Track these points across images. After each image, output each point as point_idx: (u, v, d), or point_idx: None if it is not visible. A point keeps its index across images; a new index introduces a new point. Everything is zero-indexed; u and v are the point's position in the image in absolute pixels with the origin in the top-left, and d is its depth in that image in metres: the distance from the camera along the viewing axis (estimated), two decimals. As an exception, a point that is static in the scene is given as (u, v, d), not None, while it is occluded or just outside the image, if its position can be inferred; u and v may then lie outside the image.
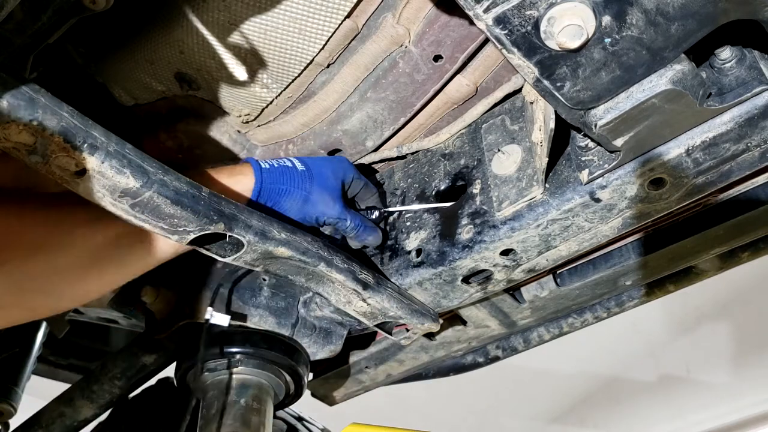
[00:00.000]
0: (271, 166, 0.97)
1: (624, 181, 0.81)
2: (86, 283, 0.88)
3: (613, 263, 1.13)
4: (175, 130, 1.12)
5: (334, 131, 1.08)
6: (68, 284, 0.87)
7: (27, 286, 0.83)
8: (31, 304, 0.87)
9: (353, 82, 1.03)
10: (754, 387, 2.86)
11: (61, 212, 0.84)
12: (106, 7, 0.70)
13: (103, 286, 0.92)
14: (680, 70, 0.68)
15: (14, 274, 0.81)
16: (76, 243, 0.84)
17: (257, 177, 0.94)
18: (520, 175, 0.92)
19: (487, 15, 0.63)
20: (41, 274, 0.83)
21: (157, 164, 0.75)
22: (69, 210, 0.84)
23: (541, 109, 0.84)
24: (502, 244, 0.91)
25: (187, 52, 0.98)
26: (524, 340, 1.37)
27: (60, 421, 1.24)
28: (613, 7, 0.62)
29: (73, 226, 0.84)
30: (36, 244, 0.82)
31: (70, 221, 0.84)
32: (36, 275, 0.83)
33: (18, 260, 0.81)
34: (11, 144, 0.65)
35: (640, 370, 3.13)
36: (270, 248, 0.86)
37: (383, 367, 1.34)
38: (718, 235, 1.06)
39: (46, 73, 0.99)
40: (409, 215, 1.05)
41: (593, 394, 3.23)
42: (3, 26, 0.66)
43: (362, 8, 0.95)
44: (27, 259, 0.81)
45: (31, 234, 0.82)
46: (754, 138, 0.76)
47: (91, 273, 0.87)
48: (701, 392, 2.97)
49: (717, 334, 2.94)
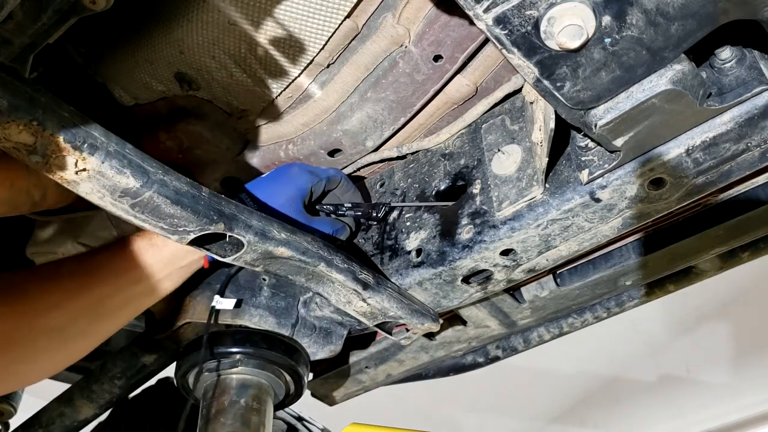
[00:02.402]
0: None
1: (624, 181, 0.81)
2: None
3: (613, 263, 1.13)
4: (175, 130, 1.12)
5: (334, 131, 1.08)
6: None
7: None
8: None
9: (353, 82, 1.03)
10: (754, 387, 2.86)
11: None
12: (106, 7, 0.70)
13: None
14: (680, 70, 0.68)
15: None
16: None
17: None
18: (520, 175, 0.92)
19: (487, 15, 0.63)
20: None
21: (157, 164, 0.75)
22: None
23: (541, 109, 0.84)
24: (502, 244, 0.91)
25: (187, 52, 0.98)
26: (524, 340, 1.37)
27: (60, 421, 1.24)
28: (613, 7, 0.62)
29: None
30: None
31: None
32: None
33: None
34: (11, 144, 0.65)
35: (640, 370, 3.13)
36: (270, 248, 0.86)
37: (383, 367, 1.34)
38: (718, 235, 1.06)
39: (46, 73, 0.99)
40: (409, 215, 1.05)
41: (593, 394, 3.23)
42: (3, 26, 0.66)
43: (362, 8, 0.95)
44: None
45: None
46: (754, 138, 0.76)
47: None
48: (701, 392, 2.97)
49: (717, 334, 2.94)
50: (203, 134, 1.12)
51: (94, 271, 0.93)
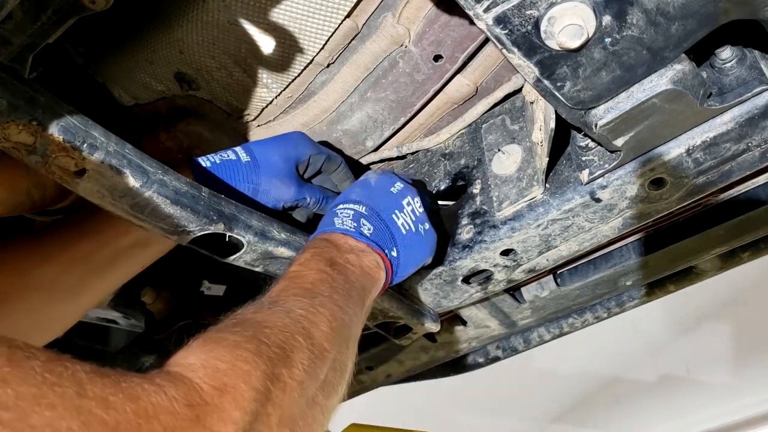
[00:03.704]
0: (213, 163, 0.94)
1: (624, 181, 0.81)
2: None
3: (614, 263, 1.13)
4: (175, 130, 1.12)
5: (334, 131, 1.08)
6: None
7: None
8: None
9: (353, 82, 1.03)
10: (754, 387, 2.86)
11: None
12: (106, 6, 0.70)
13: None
14: (681, 70, 0.68)
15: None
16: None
17: (198, 177, 0.91)
18: (520, 175, 0.92)
19: (487, 15, 0.63)
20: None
21: (156, 164, 0.75)
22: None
23: (541, 108, 0.84)
24: (502, 244, 0.91)
25: (187, 52, 0.98)
26: (524, 340, 1.37)
27: (60, 421, 1.23)
28: (614, 7, 0.62)
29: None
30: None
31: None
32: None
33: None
34: (11, 144, 0.65)
35: (640, 370, 3.13)
36: (270, 248, 0.86)
37: (383, 367, 1.34)
38: (719, 235, 1.06)
39: (46, 73, 0.99)
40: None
41: (593, 394, 3.23)
42: (2, 26, 0.66)
43: (362, 8, 0.95)
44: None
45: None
46: (755, 138, 0.76)
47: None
48: (701, 392, 2.97)
49: (717, 334, 2.93)
50: (203, 134, 1.12)
51: (81, 225, 0.91)
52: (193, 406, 0.45)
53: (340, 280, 0.76)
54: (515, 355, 1.41)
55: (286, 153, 0.98)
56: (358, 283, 0.79)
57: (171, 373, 0.48)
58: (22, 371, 0.37)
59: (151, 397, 0.43)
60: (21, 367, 0.37)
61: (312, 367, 0.60)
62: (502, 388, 2.98)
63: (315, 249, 0.80)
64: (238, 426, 0.47)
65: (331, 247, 0.81)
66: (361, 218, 0.86)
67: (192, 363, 0.50)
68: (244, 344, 0.54)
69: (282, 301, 0.68)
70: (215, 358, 0.51)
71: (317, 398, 0.61)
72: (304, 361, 0.59)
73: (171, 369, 0.50)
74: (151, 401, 0.42)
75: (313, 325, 0.65)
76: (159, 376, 0.47)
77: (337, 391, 0.67)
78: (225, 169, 0.94)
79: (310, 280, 0.73)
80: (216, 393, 0.48)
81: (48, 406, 0.36)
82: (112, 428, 0.38)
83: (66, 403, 0.37)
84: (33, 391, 0.36)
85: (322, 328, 0.66)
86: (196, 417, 0.45)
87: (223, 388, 0.48)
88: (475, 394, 2.90)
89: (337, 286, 0.74)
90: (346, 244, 0.82)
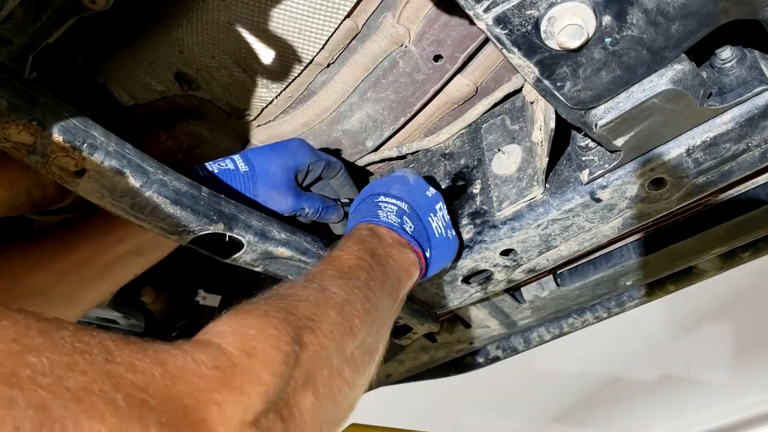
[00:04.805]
0: (210, 173, 0.93)
1: (624, 181, 0.81)
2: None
3: (614, 263, 1.13)
4: (175, 130, 1.12)
5: (334, 131, 1.08)
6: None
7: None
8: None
9: (353, 82, 1.03)
10: (754, 387, 2.86)
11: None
12: (106, 6, 0.70)
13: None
14: (681, 70, 0.68)
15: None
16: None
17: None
18: (520, 175, 0.92)
19: (487, 15, 0.63)
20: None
21: (156, 164, 0.75)
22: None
23: (541, 108, 0.84)
24: (502, 244, 0.91)
25: (187, 52, 0.98)
26: (524, 340, 1.37)
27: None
28: (614, 7, 0.62)
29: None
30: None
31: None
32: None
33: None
34: (11, 144, 0.65)
35: (640, 370, 3.13)
36: (270, 248, 0.86)
37: (383, 367, 1.34)
38: (719, 235, 1.06)
39: (46, 73, 0.99)
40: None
41: (593, 394, 3.23)
42: (2, 26, 0.66)
43: (362, 8, 0.95)
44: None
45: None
46: (755, 138, 0.76)
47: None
48: (701, 392, 2.97)
49: (717, 334, 2.93)
50: (203, 134, 1.12)
51: (76, 232, 0.91)
52: (221, 368, 0.46)
53: (378, 270, 0.77)
54: (515, 355, 1.41)
55: (285, 163, 0.97)
56: (395, 277, 0.81)
57: (200, 341, 0.49)
58: (54, 341, 0.39)
59: (177, 360, 0.44)
60: (52, 337, 0.39)
61: (340, 340, 0.61)
62: (502, 388, 2.98)
63: (358, 237, 0.82)
64: (269, 387, 0.48)
65: (374, 237, 0.83)
66: (404, 215, 0.88)
67: (221, 330, 0.51)
68: (273, 312, 0.56)
69: (318, 279, 0.69)
70: (244, 325, 0.52)
71: (343, 371, 0.61)
72: (334, 332, 0.61)
73: (200, 338, 0.51)
74: (177, 365, 0.44)
75: (346, 303, 0.66)
76: (186, 343, 0.48)
77: (365, 370, 0.67)
78: (222, 178, 0.93)
79: (349, 265, 0.75)
80: (245, 356, 0.48)
81: (80, 372, 0.38)
82: (142, 389, 0.40)
83: (96, 369, 0.39)
84: (65, 359, 0.38)
85: (356, 306, 0.67)
86: (224, 378, 0.45)
87: (251, 352, 0.49)
88: (475, 394, 2.90)
89: (375, 275, 0.76)
90: (390, 238, 0.84)
